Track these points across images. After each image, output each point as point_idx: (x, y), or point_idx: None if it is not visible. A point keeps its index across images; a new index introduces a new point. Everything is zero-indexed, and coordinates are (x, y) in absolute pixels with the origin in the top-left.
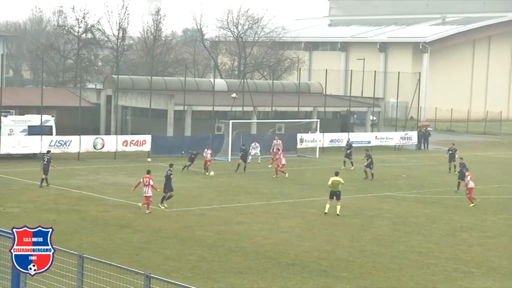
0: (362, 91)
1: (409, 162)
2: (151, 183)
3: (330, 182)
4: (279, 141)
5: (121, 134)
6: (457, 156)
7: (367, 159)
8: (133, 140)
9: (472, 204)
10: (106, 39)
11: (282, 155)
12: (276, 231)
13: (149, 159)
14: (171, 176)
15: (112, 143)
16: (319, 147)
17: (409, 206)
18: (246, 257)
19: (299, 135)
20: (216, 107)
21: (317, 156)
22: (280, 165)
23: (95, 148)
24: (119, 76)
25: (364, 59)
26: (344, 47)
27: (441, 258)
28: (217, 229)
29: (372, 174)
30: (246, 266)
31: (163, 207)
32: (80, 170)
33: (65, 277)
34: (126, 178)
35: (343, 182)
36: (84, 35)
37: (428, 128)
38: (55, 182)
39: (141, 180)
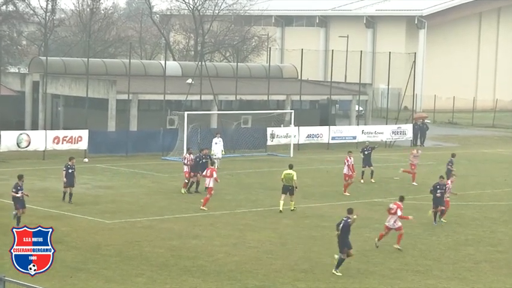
0: (345, 76)
1: (403, 162)
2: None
3: (282, 175)
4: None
5: (51, 129)
6: None
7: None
8: (66, 137)
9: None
10: (32, 12)
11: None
12: (242, 247)
13: (86, 160)
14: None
15: (40, 140)
16: (294, 144)
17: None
18: (204, 278)
19: (269, 130)
20: (168, 95)
21: (291, 154)
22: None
23: (19, 146)
24: (48, 58)
25: (347, 37)
26: (323, 21)
27: (442, 278)
28: (170, 244)
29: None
30: None
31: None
32: (0, 173)
33: None
34: (58, 183)
35: (295, 178)
36: (4, 7)
37: (425, 120)
38: None
39: None
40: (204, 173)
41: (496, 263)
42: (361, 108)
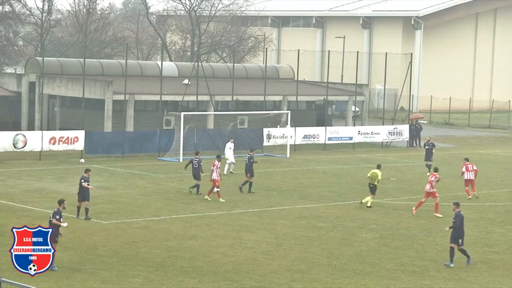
0: (342, 76)
1: (399, 163)
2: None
3: (369, 174)
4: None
5: (47, 130)
6: None
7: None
8: (62, 137)
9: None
10: (28, 12)
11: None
12: (238, 247)
13: (82, 160)
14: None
15: (36, 140)
16: (291, 145)
17: (400, 215)
18: (201, 279)
19: (266, 130)
20: (165, 96)
21: (288, 155)
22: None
23: (15, 147)
24: (45, 58)
25: (344, 37)
26: (320, 22)
27: (438, 278)
28: (167, 245)
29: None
30: None
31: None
32: None
33: None
34: (54, 184)
35: (380, 178)
36: (0, 8)
37: (419, 121)
38: None
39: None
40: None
41: (492, 264)
42: (357, 109)
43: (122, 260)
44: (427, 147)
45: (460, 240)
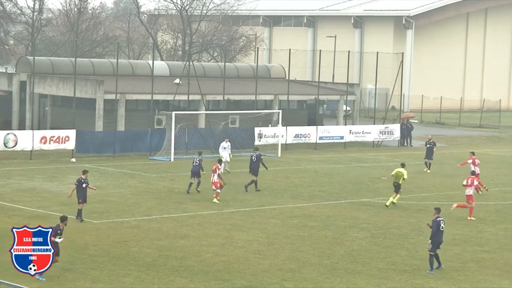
0: (333, 76)
1: (391, 162)
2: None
3: (393, 172)
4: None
5: (38, 129)
6: None
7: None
8: (53, 136)
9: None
10: (19, 12)
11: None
12: (230, 247)
13: (73, 160)
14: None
15: (27, 139)
16: (282, 144)
17: (391, 214)
18: (192, 278)
19: (257, 130)
20: (156, 95)
21: (279, 154)
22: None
23: (6, 146)
24: (36, 57)
25: (335, 37)
26: (311, 21)
27: (429, 277)
28: (158, 244)
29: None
30: None
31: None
32: None
33: None
34: (45, 183)
35: (405, 176)
36: None
37: (410, 120)
38: None
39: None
40: (464, 183)
41: (483, 263)
42: (348, 108)
43: (113, 259)
44: (428, 145)
45: (430, 245)
